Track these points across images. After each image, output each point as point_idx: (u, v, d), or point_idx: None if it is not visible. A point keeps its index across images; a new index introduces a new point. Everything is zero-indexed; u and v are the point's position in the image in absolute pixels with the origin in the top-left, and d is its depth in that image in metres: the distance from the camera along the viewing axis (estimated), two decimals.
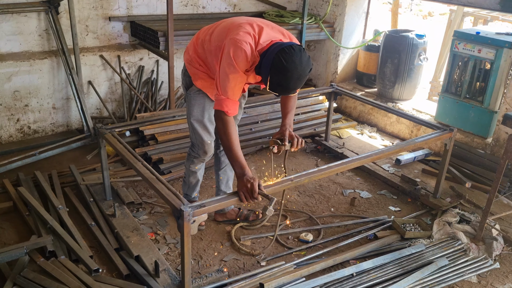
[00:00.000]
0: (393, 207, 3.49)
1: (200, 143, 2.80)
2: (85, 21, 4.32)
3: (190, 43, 2.69)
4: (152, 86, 4.82)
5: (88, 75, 4.46)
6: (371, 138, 4.69)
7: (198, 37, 2.64)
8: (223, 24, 2.53)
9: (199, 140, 2.79)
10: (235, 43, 2.28)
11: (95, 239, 2.91)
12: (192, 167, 2.94)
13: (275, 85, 2.25)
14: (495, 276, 2.78)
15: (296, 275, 2.59)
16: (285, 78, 2.21)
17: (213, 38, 2.49)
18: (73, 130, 4.52)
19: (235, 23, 2.45)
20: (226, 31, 2.42)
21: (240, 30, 2.34)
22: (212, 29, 2.57)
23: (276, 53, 2.20)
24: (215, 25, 2.59)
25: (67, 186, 3.48)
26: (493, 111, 3.95)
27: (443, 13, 11.31)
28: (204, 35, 2.58)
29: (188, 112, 2.78)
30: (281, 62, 2.18)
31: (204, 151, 2.84)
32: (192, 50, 2.64)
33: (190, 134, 2.85)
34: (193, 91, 2.70)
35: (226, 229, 3.11)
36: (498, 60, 3.82)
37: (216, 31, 2.52)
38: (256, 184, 2.27)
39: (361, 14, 5.32)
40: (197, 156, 2.88)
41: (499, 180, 2.84)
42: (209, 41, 2.52)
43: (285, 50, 2.20)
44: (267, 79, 2.25)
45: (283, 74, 2.20)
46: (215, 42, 2.46)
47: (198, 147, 2.83)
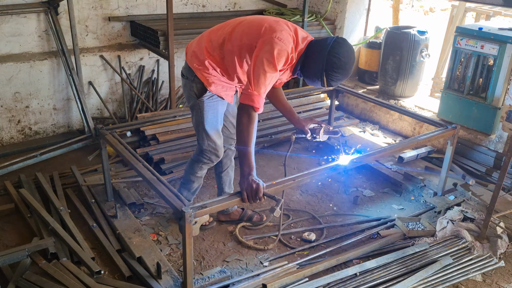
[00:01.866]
0: (396, 206, 3.47)
1: (213, 148, 2.76)
2: (85, 21, 4.30)
3: (199, 48, 2.59)
4: (153, 86, 4.80)
5: (88, 75, 4.45)
6: (374, 136, 4.67)
7: (209, 39, 2.57)
8: (247, 24, 2.49)
9: (212, 146, 2.75)
10: (280, 42, 2.30)
11: (97, 241, 2.90)
12: (199, 173, 2.90)
13: (334, 80, 2.38)
14: (500, 275, 2.76)
15: (299, 275, 2.57)
16: (344, 70, 2.35)
17: (238, 37, 2.46)
18: (74, 131, 4.50)
19: (268, 21, 2.43)
20: (257, 29, 2.40)
21: (282, 29, 2.36)
22: (227, 29, 2.52)
23: (328, 53, 2.31)
24: (230, 25, 2.54)
25: (68, 188, 3.47)
26: (496, 108, 3.92)
27: (445, 8, 11.26)
28: (219, 37, 2.53)
29: (199, 120, 2.69)
30: (336, 58, 2.31)
31: (217, 156, 2.82)
32: (205, 55, 2.55)
33: (200, 141, 2.77)
34: (206, 97, 2.63)
35: (228, 229, 3.10)
36: (501, 56, 3.79)
37: (239, 30, 2.48)
38: (261, 186, 2.26)
39: (362, 11, 5.29)
40: (208, 162, 2.83)
41: (503, 177, 2.81)
42: (229, 41, 2.48)
43: (335, 46, 2.32)
44: (321, 76, 2.36)
45: (341, 68, 2.33)
46: (243, 41, 2.43)
47: (210, 153, 2.78)
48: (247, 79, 2.33)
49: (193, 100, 2.68)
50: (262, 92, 2.31)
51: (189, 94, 2.69)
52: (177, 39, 4.13)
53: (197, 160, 2.85)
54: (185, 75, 2.69)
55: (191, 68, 2.63)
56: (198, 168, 2.87)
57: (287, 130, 4.38)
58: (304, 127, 2.83)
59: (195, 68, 2.60)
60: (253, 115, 2.32)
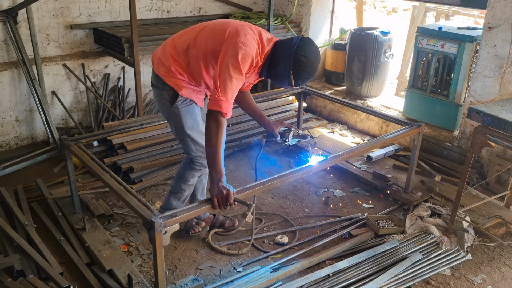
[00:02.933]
0: (366, 204, 3.52)
1: (202, 152, 2.68)
2: (46, 30, 4.19)
3: (164, 55, 2.57)
4: (119, 94, 4.73)
5: (51, 85, 4.33)
6: (342, 136, 4.73)
7: (174, 46, 2.55)
8: (211, 28, 2.48)
9: (201, 150, 2.68)
10: (244, 47, 2.31)
11: (65, 255, 2.82)
12: (191, 181, 2.82)
13: (301, 79, 2.41)
14: (468, 268, 2.83)
15: (273, 279, 2.57)
16: (311, 69, 2.40)
17: (202, 42, 2.45)
18: (38, 143, 4.38)
19: (231, 25, 2.43)
20: (221, 34, 2.39)
21: (246, 33, 2.37)
22: (191, 34, 2.52)
23: (294, 52, 2.35)
24: (194, 30, 2.54)
25: (34, 201, 3.37)
26: (458, 105, 4.04)
27: (407, 9, 11.54)
28: (183, 43, 2.52)
29: (179, 128, 2.64)
30: (303, 57, 2.35)
31: None
32: (170, 61, 2.54)
33: (187, 148, 2.71)
34: (180, 102, 2.59)
35: (200, 236, 3.07)
36: (460, 54, 3.91)
37: (203, 35, 2.47)
38: (232, 192, 2.24)
39: (327, 13, 5.36)
40: (199, 167, 2.77)
41: (467, 172, 2.89)
42: (194, 46, 2.48)
43: (301, 45, 2.36)
44: (288, 76, 2.39)
45: (308, 66, 2.38)
46: (207, 46, 2.43)
47: (201, 158, 2.71)
48: (214, 85, 2.31)
49: (167, 108, 2.63)
50: (229, 97, 2.30)
51: (162, 103, 2.64)
52: (142, 45, 4.08)
53: (189, 168, 2.78)
54: (155, 84, 2.65)
55: (159, 76, 2.59)
56: (190, 176, 2.80)
57: (257, 133, 4.39)
58: (274, 130, 2.84)
59: (163, 75, 2.57)
60: (221, 120, 2.30)
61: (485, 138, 2.71)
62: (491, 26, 3.58)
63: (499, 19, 3.52)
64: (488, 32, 3.61)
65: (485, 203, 3.34)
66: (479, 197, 3.50)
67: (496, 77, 3.63)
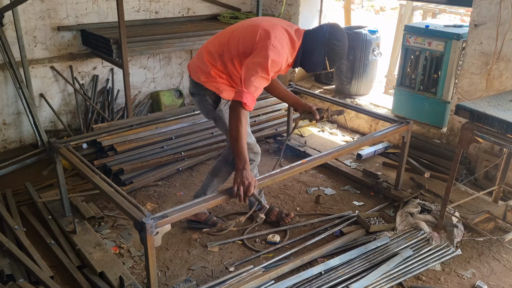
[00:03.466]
0: (357, 202, 3.54)
1: (249, 148, 2.76)
2: (33, 31, 4.15)
3: (201, 62, 2.69)
4: (108, 95, 4.70)
5: (39, 87, 4.30)
6: (332, 135, 4.75)
7: (208, 52, 2.67)
8: (242, 31, 2.60)
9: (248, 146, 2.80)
10: (275, 50, 2.43)
11: (56, 258, 2.80)
12: (256, 175, 2.92)
13: (336, 62, 2.61)
14: (458, 263, 2.86)
15: (265, 278, 2.57)
16: (344, 51, 2.59)
17: (235, 46, 2.57)
18: (27, 146, 4.34)
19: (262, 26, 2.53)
20: (252, 37, 2.51)
21: (276, 35, 2.48)
22: (223, 40, 2.64)
23: (327, 38, 2.53)
24: (225, 35, 2.66)
25: (23, 205, 3.34)
26: (446, 102, 4.08)
27: (395, 7, 11.63)
28: (217, 48, 2.64)
29: (225, 129, 2.74)
30: (336, 41, 2.54)
31: (255, 153, 2.91)
32: (208, 66, 2.66)
33: None
34: (223, 105, 2.74)
35: (192, 237, 3.07)
36: (447, 52, 3.95)
37: (234, 40, 2.59)
38: (253, 185, 2.29)
39: (315, 12, 5.38)
40: (251, 160, 2.85)
41: (455, 168, 2.92)
42: (227, 51, 2.60)
43: (332, 31, 2.55)
44: (323, 62, 2.56)
45: (342, 49, 2.57)
46: (239, 49, 2.55)
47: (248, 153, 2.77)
48: (240, 78, 2.43)
49: (211, 112, 2.79)
50: (252, 91, 2.39)
51: (206, 108, 2.79)
52: (131, 46, 4.06)
53: None
54: (195, 92, 2.79)
55: (198, 83, 2.72)
56: None
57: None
58: (311, 107, 2.98)
59: (203, 81, 2.69)
60: (242, 111, 2.38)
61: (472, 134, 2.74)
62: (477, 23, 3.62)
63: (484, 17, 3.56)
64: (474, 29, 3.65)
65: (474, 199, 3.38)
66: (468, 192, 3.54)
67: (482, 74, 3.67)
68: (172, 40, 4.36)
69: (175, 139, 4.00)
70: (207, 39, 4.56)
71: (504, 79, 3.56)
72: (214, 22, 5.11)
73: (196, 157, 4.01)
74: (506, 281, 2.71)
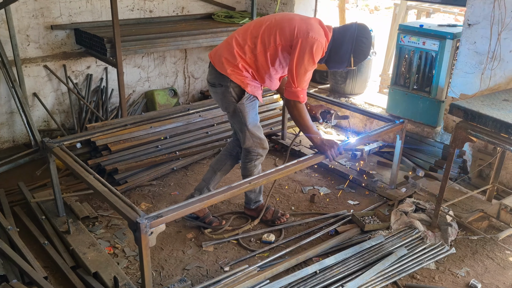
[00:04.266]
0: (351, 201, 3.54)
1: (258, 143, 2.94)
2: (26, 30, 4.12)
3: (229, 54, 2.72)
4: (102, 95, 4.67)
5: (32, 86, 4.27)
6: (327, 134, 4.75)
7: (238, 43, 2.72)
8: (277, 25, 2.67)
9: (257, 141, 2.93)
10: (316, 41, 2.57)
11: (50, 259, 2.78)
12: (256, 171, 3.01)
13: (361, 59, 2.76)
14: (452, 261, 2.87)
15: (260, 278, 2.57)
16: (369, 49, 2.75)
17: (270, 39, 2.66)
18: (20, 145, 4.31)
19: (297, 21, 2.65)
20: (291, 30, 2.62)
21: (313, 27, 2.62)
22: (255, 32, 2.70)
23: (356, 35, 2.67)
24: (256, 28, 2.72)
25: (16, 205, 3.31)
26: (440, 101, 4.10)
27: (389, 7, 11.66)
28: (250, 41, 2.70)
29: (242, 123, 2.86)
30: (364, 39, 2.69)
31: (263, 147, 2.98)
32: (238, 59, 2.70)
33: (244, 139, 2.91)
34: (245, 99, 2.79)
35: (187, 237, 3.06)
36: (442, 51, 3.96)
37: (269, 32, 2.67)
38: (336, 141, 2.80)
39: (309, 11, 5.38)
40: (258, 156, 2.98)
41: (449, 167, 2.93)
42: (261, 43, 2.68)
43: (360, 29, 2.69)
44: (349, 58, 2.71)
45: (368, 47, 2.73)
46: (277, 42, 2.65)
47: (257, 147, 2.94)
48: (289, 77, 2.62)
49: (232, 105, 2.81)
50: (304, 86, 2.64)
51: (227, 100, 2.80)
52: (125, 45, 4.04)
53: (248, 160, 2.99)
54: (218, 83, 2.80)
55: (224, 74, 2.73)
56: (253, 167, 3.00)
57: None
58: (316, 113, 3.11)
59: (230, 73, 2.72)
60: (301, 107, 2.68)
61: (466, 133, 2.75)
62: (470, 23, 3.64)
63: (478, 16, 3.57)
64: (468, 29, 3.66)
65: (468, 197, 3.40)
66: (461, 191, 3.55)
67: (476, 73, 3.69)
68: (166, 39, 4.35)
69: (169, 138, 3.99)
70: (201, 38, 4.59)
71: (497, 78, 3.58)
72: (208, 21, 5.09)
73: (191, 156, 4.00)
74: (500, 279, 2.73)
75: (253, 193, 3.16)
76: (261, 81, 2.81)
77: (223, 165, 3.14)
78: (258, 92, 2.84)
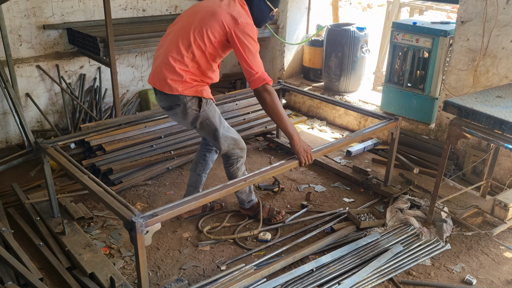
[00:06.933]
0: (347, 199, 3.55)
1: (233, 144, 2.89)
2: (17, 30, 4.09)
3: (172, 73, 2.62)
4: (96, 94, 4.65)
5: (25, 87, 4.24)
6: (322, 132, 4.76)
7: (174, 59, 2.61)
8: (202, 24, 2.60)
9: (232, 142, 2.88)
10: (246, 24, 2.56)
11: (45, 260, 2.77)
12: (240, 173, 2.97)
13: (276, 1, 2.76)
14: (447, 257, 2.89)
15: (257, 277, 2.57)
16: None
17: (203, 42, 2.59)
18: (13, 146, 4.28)
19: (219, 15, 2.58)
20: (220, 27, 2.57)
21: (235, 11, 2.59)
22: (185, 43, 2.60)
23: None
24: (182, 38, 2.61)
25: (10, 207, 3.29)
26: (434, 98, 4.11)
27: (382, 4, 11.69)
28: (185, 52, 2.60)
29: (212, 129, 2.81)
30: None
31: (241, 148, 2.93)
32: (181, 74, 2.62)
33: (219, 145, 2.86)
34: (205, 104, 2.75)
35: (183, 236, 3.05)
36: (435, 48, 3.98)
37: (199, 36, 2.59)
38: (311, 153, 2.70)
39: (303, 10, 5.38)
40: (239, 158, 2.94)
41: (444, 164, 2.95)
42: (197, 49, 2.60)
43: None
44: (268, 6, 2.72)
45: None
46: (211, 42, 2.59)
47: (233, 149, 2.89)
48: (245, 68, 2.56)
49: (196, 117, 2.76)
50: (262, 67, 2.58)
51: (190, 115, 2.74)
52: (118, 45, 4.02)
53: (230, 165, 2.95)
54: (174, 104, 2.72)
55: (176, 94, 2.66)
56: (236, 170, 2.96)
57: None
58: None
59: (181, 90, 2.65)
60: (270, 89, 2.57)
61: (460, 130, 2.77)
62: (463, 20, 3.65)
63: (471, 13, 3.59)
64: (461, 26, 3.68)
65: (462, 194, 3.42)
66: (456, 188, 3.57)
67: (469, 70, 3.71)
68: (159, 38, 4.31)
69: (164, 137, 3.98)
70: None
71: (490, 75, 3.60)
72: None
73: (186, 155, 3.99)
74: (494, 275, 2.75)
75: (243, 193, 3.14)
76: (208, 80, 2.76)
77: (204, 165, 3.13)
78: (210, 94, 2.82)
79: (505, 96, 2.90)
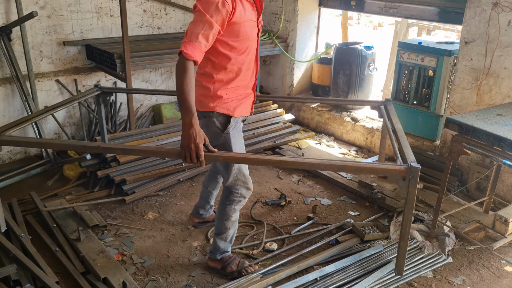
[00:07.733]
0: (352, 212, 3.64)
1: (242, 182, 2.63)
2: (39, 46, 4.30)
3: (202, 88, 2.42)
4: (111, 108, 4.82)
5: (44, 100, 4.43)
6: (329, 147, 4.86)
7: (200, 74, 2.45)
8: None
9: (242, 179, 2.62)
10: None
11: (61, 265, 2.90)
12: (233, 217, 2.74)
13: None
14: (449, 270, 2.96)
15: (263, 284, 2.66)
16: None
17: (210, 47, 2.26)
18: (31, 157, 4.45)
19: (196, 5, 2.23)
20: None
21: None
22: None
23: None
24: None
25: (28, 214, 3.43)
26: (439, 115, 4.21)
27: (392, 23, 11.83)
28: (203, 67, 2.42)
29: None
30: None
31: (248, 188, 2.68)
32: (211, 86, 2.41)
33: (229, 178, 2.60)
34: (232, 127, 2.49)
35: (193, 245, 3.16)
36: (439, 67, 4.09)
37: None
38: (202, 145, 2.11)
39: (313, 29, 5.54)
40: (240, 198, 2.69)
41: (446, 179, 3.04)
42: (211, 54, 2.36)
43: None
44: None
45: None
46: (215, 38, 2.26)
47: (240, 186, 2.64)
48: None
49: (217, 137, 2.49)
50: (193, 38, 2.12)
51: (211, 131, 2.46)
52: (134, 61, 4.20)
53: (229, 202, 2.69)
54: (201, 115, 2.44)
55: (206, 111, 2.44)
56: (231, 211, 2.71)
57: None
58: None
59: (213, 106, 2.42)
60: (185, 63, 2.10)
61: (461, 146, 2.86)
62: (467, 40, 3.77)
63: (474, 34, 3.71)
64: (464, 46, 3.80)
65: (465, 209, 3.49)
66: (459, 203, 3.64)
67: (473, 89, 3.81)
68: (173, 54, 4.50)
69: None
70: None
71: (493, 94, 3.70)
72: None
73: (197, 168, 4.12)
74: None
75: (222, 241, 2.80)
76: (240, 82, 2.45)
77: (215, 184, 3.16)
78: (244, 111, 2.54)
79: (505, 114, 3.00)
